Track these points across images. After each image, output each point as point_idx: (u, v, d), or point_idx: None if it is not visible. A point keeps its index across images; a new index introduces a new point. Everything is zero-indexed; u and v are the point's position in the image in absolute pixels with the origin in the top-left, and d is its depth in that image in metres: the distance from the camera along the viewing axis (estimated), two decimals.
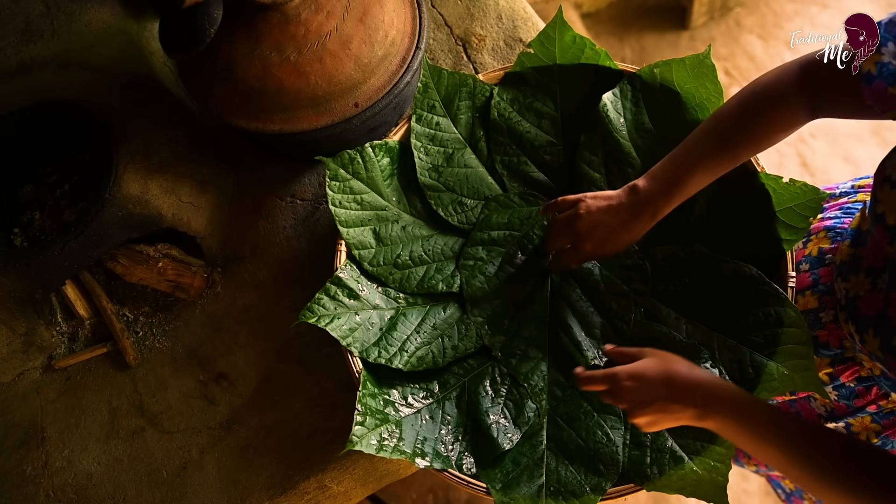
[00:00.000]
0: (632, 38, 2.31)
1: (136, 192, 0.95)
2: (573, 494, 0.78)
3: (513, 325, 0.86)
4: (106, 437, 0.95)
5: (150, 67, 1.08)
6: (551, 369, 0.84)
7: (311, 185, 1.06)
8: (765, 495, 1.70)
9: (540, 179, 0.92)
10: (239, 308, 1.00)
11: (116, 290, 1.02)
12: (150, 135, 0.98)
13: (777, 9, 2.30)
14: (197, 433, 0.94)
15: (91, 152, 1.05)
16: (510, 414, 0.83)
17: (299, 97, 0.88)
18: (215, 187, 1.03)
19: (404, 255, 0.88)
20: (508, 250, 0.89)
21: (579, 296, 0.87)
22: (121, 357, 0.98)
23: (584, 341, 0.85)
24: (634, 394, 0.69)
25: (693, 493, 0.77)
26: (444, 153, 0.91)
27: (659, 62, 0.89)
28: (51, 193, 1.03)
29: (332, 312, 0.83)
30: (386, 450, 0.77)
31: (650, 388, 0.68)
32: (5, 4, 1.11)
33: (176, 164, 0.99)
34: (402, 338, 0.84)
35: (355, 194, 0.88)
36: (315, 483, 0.90)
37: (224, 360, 0.97)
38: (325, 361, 0.95)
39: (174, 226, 0.99)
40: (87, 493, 0.92)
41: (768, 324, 0.80)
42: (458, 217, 0.90)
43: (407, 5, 0.97)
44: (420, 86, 0.91)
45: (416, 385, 0.83)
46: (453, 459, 0.80)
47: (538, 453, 0.81)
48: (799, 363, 0.78)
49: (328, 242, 1.01)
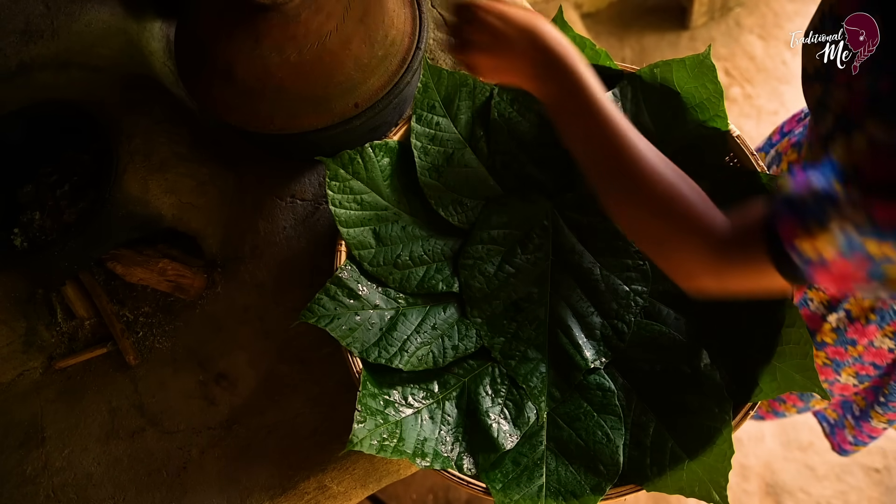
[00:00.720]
0: (632, 38, 2.31)
1: (136, 192, 0.95)
2: (573, 494, 0.78)
3: (512, 326, 0.86)
4: (106, 437, 0.95)
5: (150, 67, 1.08)
6: (550, 370, 0.84)
7: (311, 185, 1.06)
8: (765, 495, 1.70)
9: (540, 179, 0.92)
10: (239, 308, 1.00)
11: (116, 290, 1.02)
12: (150, 135, 0.98)
13: (777, 9, 2.30)
14: (197, 433, 0.94)
15: (91, 152, 1.05)
16: (510, 414, 0.83)
17: (299, 97, 0.88)
18: (215, 187, 1.03)
19: (404, 255, 0.88)
20: (508, 250, 0.89)
21: (579, 296, 0.87)
22: (121, 357, 0.98)
23: (583, 342, 0.85)
24: (490, 30, 0.66)
25: (693, 493, 0.77)
26: (444, 153, 0.91)
27: (659, 62, 0.89)
28: (51, 193, 1.03)
29: (332, 312, 0.83)
30: (386, 450, 0.77)
31: (509, 31, 0.66)
32: (5, 4, 1.11)
33: (176, 164, 0.99)
34: (402, 338, 0.84)
35: (355, 194, 0.88)
36: (315, 483, 0.90)
37: (224, 360, 0.97)
38: (325, 361, 0.95)
39: (174, 226, 0.99)
40: (87, 493, 0.92)
41: (768, 323, 0.80)
42: (458, 217, 0.90)
43: (407, 5, 0.97)
44: (420, 86, 0.91)
45: (416, 385, 0.83)
46: (453, 459, 0.80)
47: (538, 453, 0.81)
48: (799, 363, 0.78)
49: (328, 242, 1.01)
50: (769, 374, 0.79)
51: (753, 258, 0.57)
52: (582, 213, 0.90)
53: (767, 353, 0.79)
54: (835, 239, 0.50)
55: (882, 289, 0.52)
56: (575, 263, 0.88)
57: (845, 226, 0.49)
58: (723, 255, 0.59)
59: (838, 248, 0.50)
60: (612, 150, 0.64)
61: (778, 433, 1.77)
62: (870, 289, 0.53)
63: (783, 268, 0.55)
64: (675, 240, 0.62)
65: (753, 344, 0.80)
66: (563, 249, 0.89)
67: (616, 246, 0.88)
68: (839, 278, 0.53)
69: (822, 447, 1.75)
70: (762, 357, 0.80)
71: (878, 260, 0.50)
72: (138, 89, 1.03)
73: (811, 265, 0.53)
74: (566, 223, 0.90)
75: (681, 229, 0.62)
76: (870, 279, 0.51)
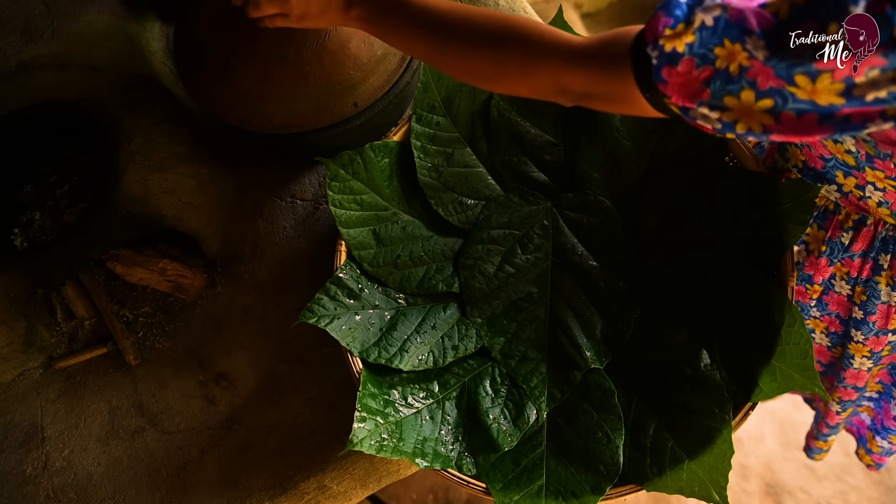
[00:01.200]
0: None
1: (136, 192, 0.95)
2: (573, 494, 0.78)
3: (512, 326, 0.86)
4: (106, 437, 0.95)
5: (150, 67, 1.08)
6: (550, 370, 0.84)
7: (311, 185, 1.06)
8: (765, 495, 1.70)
9: (540, 179, 0.92)
10: (239, 308, 1.00)
11: (116, 290, 1.02)
12: (150, 135, 0.98)
13: None
14: (197, 433, 0.94)
15: (91, 152, 1.05)
16: (510, 414, 0.83)
17: (299, 97, 0.88)
18: (215, 187, 1.03)
19: (404, 255, 0.88)
20: (508, 250, 0.89)
21: (579, 296, 0.87)
22: (121, 357, 0.98)
23: (583, 342, 0.85)
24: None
25: (693, 494, 0.77)
26: (444, 153, 0.91)
27: None
28: (51, 193, 1.03)
29: (332, 312, 0.83)
30: (386, 450, 0.77)
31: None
32: (5, 4, 1.11)
33: (176, 164, 0.99)
34: (402, 338, 0.84)
35: (355, 195, 0.88)
36: (315, 483, 0.90)
37: (224, 360, 0.97)
38: (325, 361, 0.95)
39: (174, 226, 0.99)
40: (87, 493, 0.92)
41: (768, 323, 0.80)
42: (458, 217, 0.90)
43: None
44: (420, 86, 0.91)
45: (416, 385, 0.83)
46: (453, 459, 0.80)
47: (538, 453, 0.81)
48: (799, 363, 0.78)
49: (328, 242, 1.01)
50: (769, 374, 0.79)
51: (614, 64, 0.58)
52: (582, 213, 0.90)
53: (767, 353, 0.79)
54: (693, 35, 0.51)
55: (716, 111, 0.52)
56: (575, 263, 0.88)
57: (706, 16, 0.50)
58: (584, 58, 0.61)
59: (691, 44, 0.51)
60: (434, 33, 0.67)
61: (778, 433, 1.77)
62: (705, 106, 0.53)
63: (639, 71, 0.56)
64: (535, 62, 0.64)
65: (753, 344, 0.80)
66: (563, 249, 0.89)
67: (616, 245, 0.88)
68: (683, 81, 0.53)
69: None
70: (762, 357, 0.80)
71: (719, 67, 0.51)
72: (138, 89, 1.03)
73: (663, 61, 0.53)
74: (566, 223, 0.90)
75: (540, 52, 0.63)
76: (707, 90, 0.52)
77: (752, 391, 0.79)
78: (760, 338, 0.80)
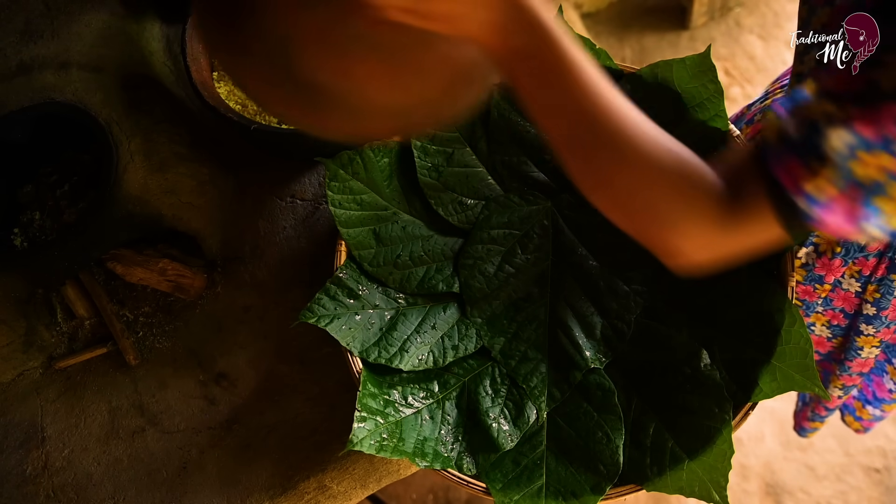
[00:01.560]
0: (632, 38, 2.31)
1: (136, 192, 0.95)
2: (573, 494, 0.78)
3: (512, 326, 0.86)
4: (106, 437, 0.95)
5: (150, 67, 1.08)
6: (550, 370, 0.84)
7: (311, 185, 1.06)
8: (765, 495, 1.70)
9: (540, 179, 0.92)
10: (239, 308, 1.00)
11: (116, 290, 1.02)
12: (150, 135, 0.98)
13: (777, 9, 2.30)
14: (197, 433, 0.94)
15: (91, 152, 1.05)
16: (510, 414, 0.83)
17: None
18: (215, 187, 1.03)
19: (404, 255, 0.88)
20: (508, 250, 0.89)
21: (579, 296, 0.87)
22: (121, 357, 0.98)
23: (583, 342, 0.85)
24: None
25: (693, 493, 0.77)
26: (444, 153, 0.91)
27: (659, 62, 0.89)
28: (51, 193, 1.03)
29: (332, 312, 0.83)
30: (386, 450, 0.77)
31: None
32: (5, 4, 1.11)
33: (176, 164, 0.99)
34: (402, 338, 0.84)
35: (355, 195, 0.88)
36: (315, 483, 0.90)
37: (224, 360, 0.97)
38: (325, 361, 0.95)
39: (174, 226, 0.99)
40: (87, 493, 0.92)
41: (768, 323, 0.80)
42: (458, 217, 0.90)
43: None
44: None
45: (416, 385, 0.83)
46: (453, 459, 0.80)
47: (538, 453, 0.81)
48: (799, 363, 0.78)
49: (328, 242, 1.01)
50: (769, 374, 0.79)
51: (752, 212, 0.52)
52: (582, 213, 0.90)
53: (767, 353, 0.79)
54: (834, 171, 0.46)
55: (878, 218, 0.48)
56: (575, 263, 0.88)
57: (838, 137, 0.45)
58: (724, 213, 0.53)
59: (836, 183, 0.47)
60: (593, 114, 0.54)
61: (778, 433, 1.77)
62: (869, 225, 0.49)
63: (786, 217, 0.50)
64: (675, 207, 0.55)
65: (753, 344, 0.80)
66: (563, 249, 0.89)
67: (616, 245, 0.88)
68: (844, 216, 0.48)
69: (822, 447, 1.75)
70: (762, 357, 0.80)
71: (866, 185, 0.46)
72: (138, 89, 1.03)
73: (819, 207, 0.48)
74: (566, 223, 0.90)
75: (683, 193, 0.54)
76: (865, 210, 0.48)
77: (752, 391, 0.79)
78: (760, 338, 0.80)
